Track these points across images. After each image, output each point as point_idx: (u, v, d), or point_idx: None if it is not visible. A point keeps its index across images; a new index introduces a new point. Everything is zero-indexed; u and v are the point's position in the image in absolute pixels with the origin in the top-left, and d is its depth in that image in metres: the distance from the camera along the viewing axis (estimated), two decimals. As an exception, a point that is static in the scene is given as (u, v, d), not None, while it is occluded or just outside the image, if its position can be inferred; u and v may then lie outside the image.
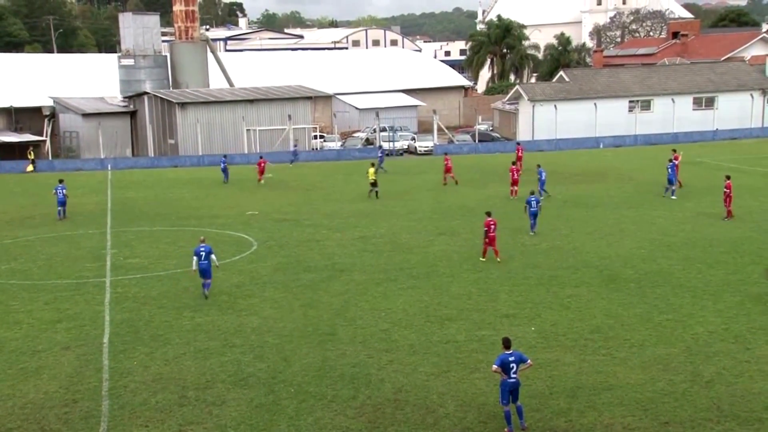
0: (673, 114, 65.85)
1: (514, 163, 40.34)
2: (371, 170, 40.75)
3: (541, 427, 14.60)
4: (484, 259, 26.77)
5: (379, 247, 29.34)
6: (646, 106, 66.96)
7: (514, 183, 39.08)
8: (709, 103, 67.84)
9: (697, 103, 67.82)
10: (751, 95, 67.95)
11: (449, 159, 45.51)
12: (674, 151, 42.01)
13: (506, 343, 14.66)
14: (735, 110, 67.28)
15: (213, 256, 23.21)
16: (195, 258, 23.07)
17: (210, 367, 17.77)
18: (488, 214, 27.09)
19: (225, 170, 48.16)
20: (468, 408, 15.44)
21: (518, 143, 56.20)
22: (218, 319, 21.19)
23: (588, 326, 19.86)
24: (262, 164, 47.85)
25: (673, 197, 37.43)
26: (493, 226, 26.59)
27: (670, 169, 37.86)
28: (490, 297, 22.61)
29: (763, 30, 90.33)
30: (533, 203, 30.95)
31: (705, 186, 40.70)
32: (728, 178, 32.92)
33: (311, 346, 18.97)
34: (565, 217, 34.06)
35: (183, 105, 59.69)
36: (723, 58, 78.41)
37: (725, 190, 32.70)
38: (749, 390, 15.89)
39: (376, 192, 40.11)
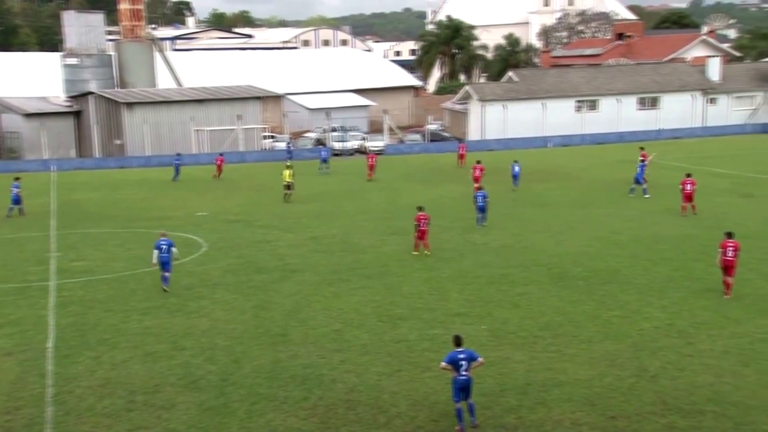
0: (618, 114, 67.14)
1: (478, 162, 41.43)
2: (287, 172, 40.02)
3: (492, 424, 14.73)
4: (416, 253, 27.50)
5: (331, 248, 29.28)
6: (593, 105, 68.12)
7: (476, 180, 39.77)
8: (653, 103, 69.34)
9: (642, 103, 69.25)
10: (693, 96, 69.66)
11: (374, 157, 48.01)
12: (642, 149, 43.05)
13: (457, 341, 14.75)
14: (678, 110, 68.92)
15: (174, 249, 23.70)
16: (156, 251, 23.54)
17: (159, 371, 17.51)
18: (420, 208, 28.08)
19: (177, 168, 47.97)
20: (420, 407, 15.50)
21: (461, 141, 57.49)
22: (167, 322, 20.89)
23: (538, 324, 20.11)
24: (220, 161, 48.74)
25: (630, 195, 37.90)
26: (423, 221, 27.51)
27: (639, 168, 38.41)
28: (441, 296, 22.74)
29: (703, 32, 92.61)
30: (479, 198, 32.02)
31: (650, 185, 41.50)
32: (689, 175, 34.03)
33: (262, 348, 18.84)
34: (516, 215, 34.43)
35: (130, 105, 58.70)
36: (666, 59, 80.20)
37: (681, 186, 33.76)
38: (692, 383, 16.27)
39: (288, 194, 39.55)
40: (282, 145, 63.81)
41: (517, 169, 41.87)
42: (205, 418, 15.16)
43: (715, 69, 71.19)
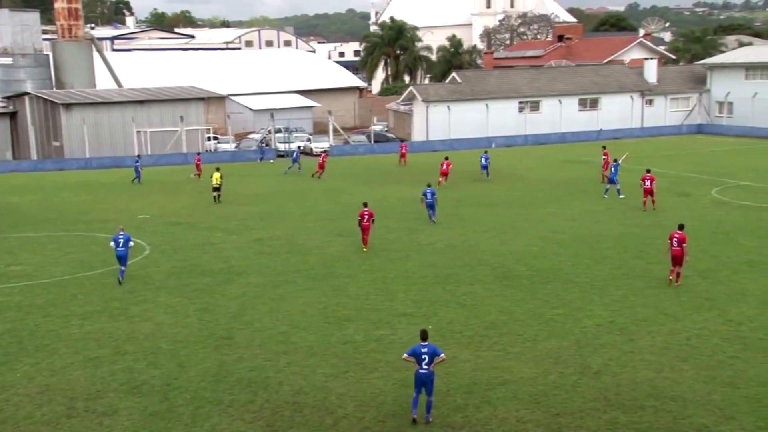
0: (560, 114, 68.21)
1: (446, 158, 43.81)
2: (216, 174, 39.84)
3: (439, 423, 14.82)
4: (366, 249, 28.11)
5: (276, 249, 29.09)
6: (535, 106, 69.07)
7: (443, 174, 42.41)
8: (593, 104, 70.66)
9: (582, 104, 70.49)
10: (631, 97, 71.24)
11: (325, 156, 49.59)
12: (603, 148, 44.29)
13: (423, 335, 15.05)
14: (617, 111, 70.39)
15: (131, 243, 24.57)
16: (112, 244, 24.41)
17: (100, 376, 17.15)
18: (365, 204, 28.73)
19: (137, 170, 47.18)
20: (367, 408, 15.50)
21: (402, 141, 59.63)
22: (109, 327, 20.48)
23: (483, 323, 20.29)
24: (198, 161, 48.86)
25: (605, 195, 37.93)
26: (367, 216, 28.10)
27: (613, 168, 38.52)
28: (387, 296, 22.78)
29: (640, 35, 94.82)
30: (428, 195, 32.67)
31: (591, 184, 42.36)
32: (648, 171, 35.18)
33: (207, 351, 18.60)
34: (461, 216, 34.70)
35: (68, 106, 57.34)
36: (605, 61, 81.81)
37: (641, 182, 34.85)
38: (633, 379, 16.62)
39: (218, 196, 39.45)
40: (226, 146, 63.28)
41: (484, 161, 45.76)
42: (148, 424, 14.90)
43: (651, 71, 72.95)
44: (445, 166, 42.99)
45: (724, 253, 26.96)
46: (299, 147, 55.01)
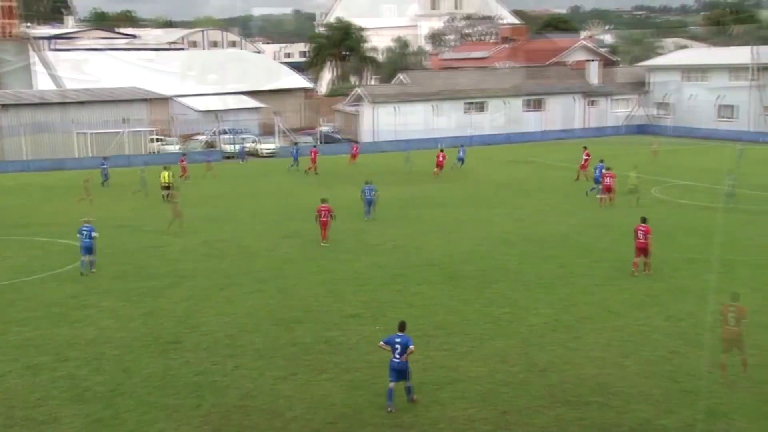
0: (506, 115, 68.96)
1: (441, 150, 47.22)
2: (165, 173, 40.26)
3: (388, 423, 14.84)
4: (324, 243, 28.95)
5: (224, 252, 28.79)
6: (481, 107, 69.72)
7: (438, 165, 46.57)
8: (538, 105, 71.66)
9: (527, 105, 71.45)
10: (574, 98, 72.46)
11: (315, 151, 50.69)
12: (585, 148, 45.14)
13: (400, 327, 15.62)
14: (561, 112, 71.60)
15: (95, 234, 25.50)
16: (78, 236, 25.47)
17: (41, 384, 16.73)
18: (323, 200, 29.54)
19: (105, 173, 46.30)
20: (316, 410, 15.44)
21: (355, 142, 61.37)
22: (50, 333, 20.00)
23: (432, 323, 20.39)
24: (183, 162, 48.91)
25: (597, 195, 37.83)
26: (324, 212, 28.91)
27: (598, 170, 38.55)
28: (336, 298, 22.73)
29: (581, 37, 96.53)
30: (367, 192, 33.42)
31: (538, 184, 42.94)
32: (608, 169, 37.01)
33: (153, 356, 18.31)
34: (409, 216, 34.82)
35: (5, 107, 55.88)
36: (548, 63, 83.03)
37: (601, 179, 36.68)
38: (578, 376, 16.89)
39: (168, 195, 39.26)
40: (171, 148, 62.36)
41: (461, 153, 49.68)
42: (92, 431, 14.59)
43: (594, 72, 74.37)
44: (440, 159, 46.40)
45: (664, 251, 27.56)
46: (296, 144, 54.86)
